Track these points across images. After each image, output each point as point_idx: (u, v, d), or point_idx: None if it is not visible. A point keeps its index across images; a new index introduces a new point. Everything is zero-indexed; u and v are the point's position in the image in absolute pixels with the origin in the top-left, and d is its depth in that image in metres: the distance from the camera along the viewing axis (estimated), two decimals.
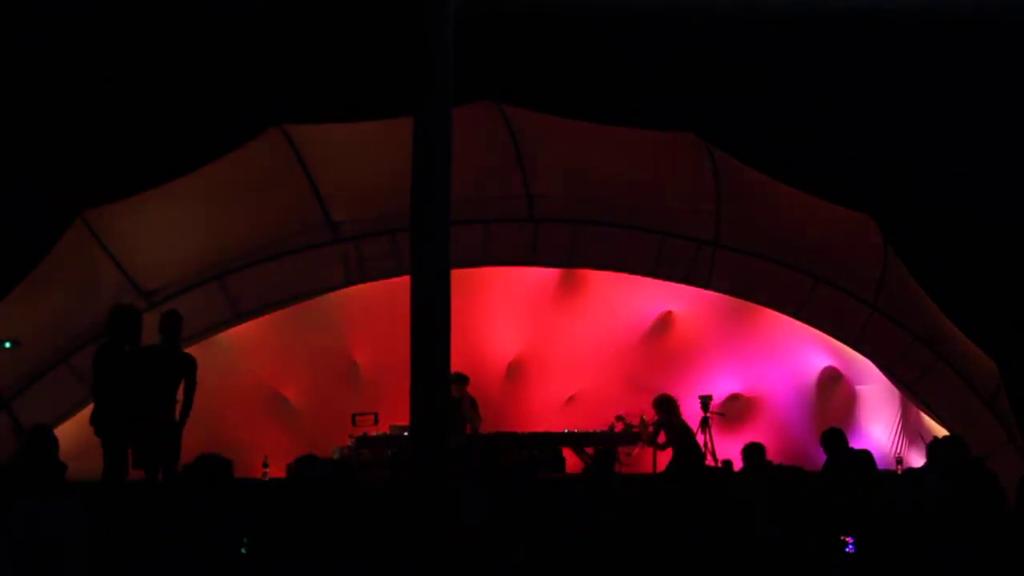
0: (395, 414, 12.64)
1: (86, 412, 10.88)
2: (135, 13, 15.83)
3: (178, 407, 10.69)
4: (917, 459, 12.98)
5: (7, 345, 10.10)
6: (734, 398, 14.72)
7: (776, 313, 13.69)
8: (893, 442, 14.26)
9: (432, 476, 7.54)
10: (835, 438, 10.51)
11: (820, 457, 12.66)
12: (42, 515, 6.16)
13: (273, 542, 7.34)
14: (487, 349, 14.35)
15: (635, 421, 13.62)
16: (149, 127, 16.31)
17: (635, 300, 14.32)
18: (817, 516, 8.35)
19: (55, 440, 9.53)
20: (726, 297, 13.79)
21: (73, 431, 11.35)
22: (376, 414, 13.14)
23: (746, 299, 13.72)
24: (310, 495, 7.64)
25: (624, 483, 10.58)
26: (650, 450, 13.37)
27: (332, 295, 13.32)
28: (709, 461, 13.30)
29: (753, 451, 10.10)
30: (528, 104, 13.63)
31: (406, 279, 7.78)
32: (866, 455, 9.65)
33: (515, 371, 14.63)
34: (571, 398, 14.71)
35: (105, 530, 7.11)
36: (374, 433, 13.01)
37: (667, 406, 13.03)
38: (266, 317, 12.89)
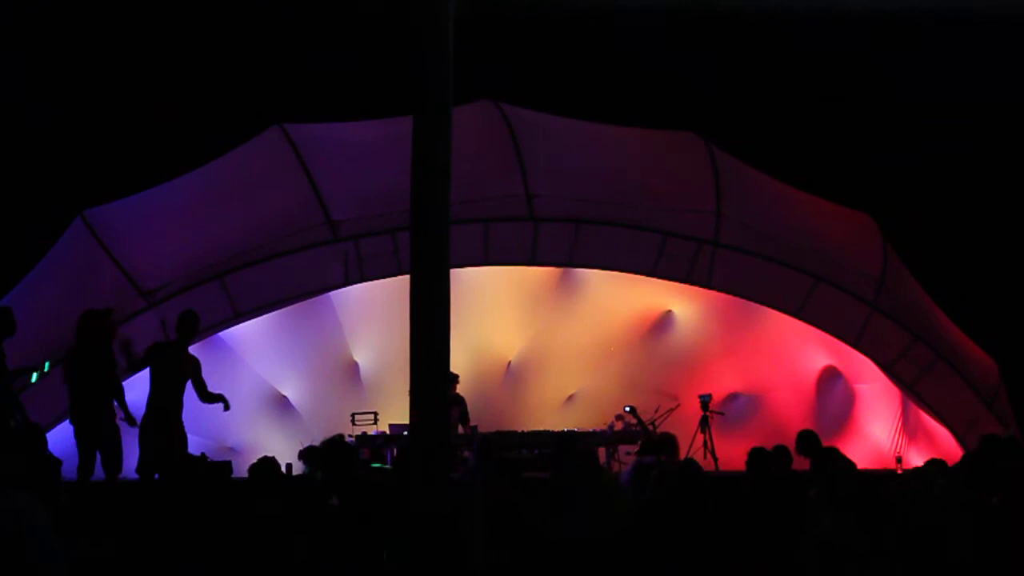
0: (395, 414, 12.63)
1: None
2: (136, 12, 15.83)
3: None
4: (917, 459, 12.97)
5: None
6: (734, 397, 14.71)
7: (776, 313, 13.68)
8: (893, 441, 14.25)
9: (432, 475, 7.54)
10: (810, 441, 10.43)
11: None
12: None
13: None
14: (487, 349, 14.34)
15: (633, 421, 13.60)
16: (149, 126, 16.33)
17: (635, 300, 14.30)
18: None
19: (44, 437, 9.60)
20: (726, 297, 13.78)
21: (70, 430, 11.35)
22: (376, 414, 13.14)
23: (746, 299, 13.71)
24: None
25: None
26: None
27: (332, 295, 13.33)
28: (709, 460, 13.29)
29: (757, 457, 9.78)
30: (528, 104, 13.63)
31: (406, 279, 7.78)
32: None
33: (515, 370, 14.62)
34: (571, 397, 14.70)
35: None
36: (374, 433, 13.00)
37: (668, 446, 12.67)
38: (266, 317, 12.89)
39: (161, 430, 10.60)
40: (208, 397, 11.05)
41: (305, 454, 9.83)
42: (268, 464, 8.27)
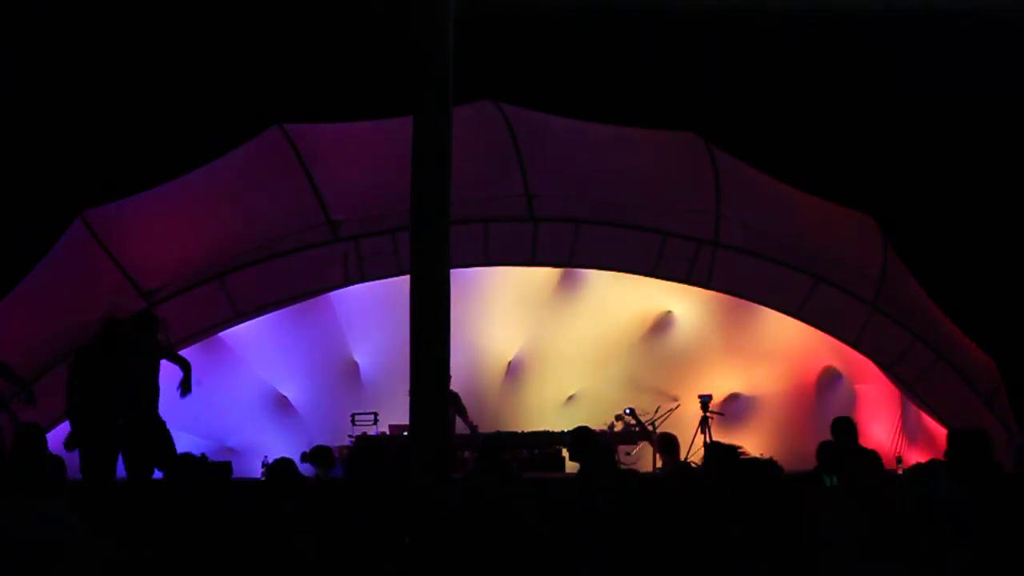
0: (395, 414, 12.63)
1: None
2: (136, 12, 15.83)
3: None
4: (917, 459, 12.96)
5: None
6: (734, 398, 14.71)
7: (776, 313, 13.68)
8: (893, 442, 14.25)
9: (432, 476, 7.55)
10: (846, 428, 10.46)
11: None
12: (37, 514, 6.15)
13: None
14: (487, 349, 14.34)
15: (633, 422, 13.59)
16: (149, 126, 16.32)
17: (635, 300, 14.30)
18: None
19: (44, 438, 9.67)
20: (726, 297, 13.78)
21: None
22: (376, 414, 13.15)
23: (746, 299, 13.71)
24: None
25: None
26: (651, 448, 13.36)
27: (332, 295, 13.33)
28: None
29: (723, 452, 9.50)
30: (528, 104, 13.62)
31: (406, 279, 7.79)
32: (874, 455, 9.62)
33: (515, 371, 14.62)
34: (571, 398, 14.70)
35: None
36: (374, 433, 13.01)
37: (668, 447, 12.52)
38: (266, 317, 12.89)
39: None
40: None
41: (312, 455, 9.81)
42: (289, 464, 8.27)
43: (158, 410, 10.90)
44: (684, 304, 14.45)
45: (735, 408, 14.60)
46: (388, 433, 13.03)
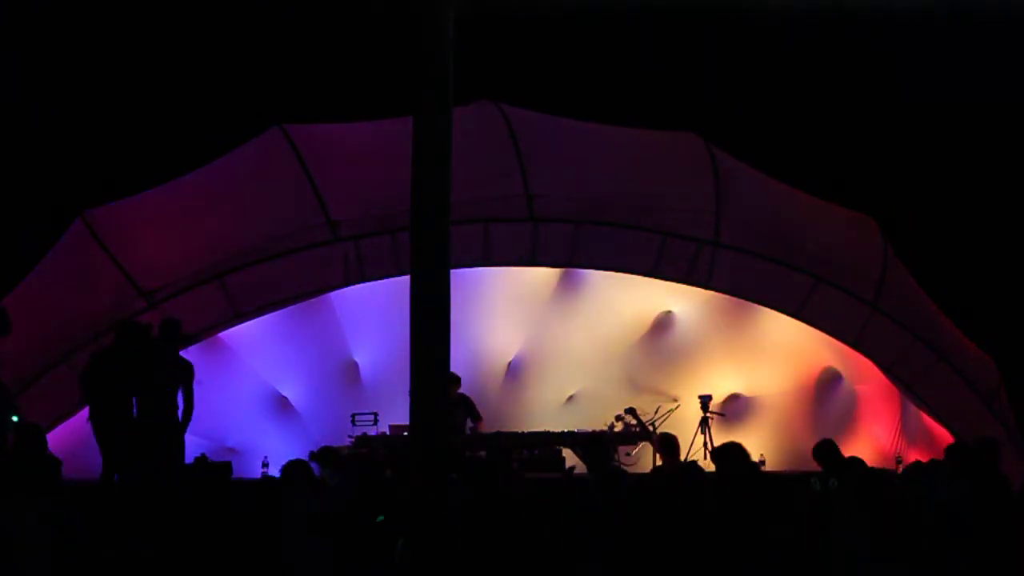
0: (395, 414, 12.63)
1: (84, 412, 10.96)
2: (136, 12, 15.84)
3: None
4: (917, 459, 12.95)
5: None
6: (734, 398, 14.71)
7: (776, 313, 13.68)
8: (893, 442, 14.25)
9: (432, 476, 7.55)
10: (829, 450, 10.41)
11: None
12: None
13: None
14: (487, 349, 14.34)
15: (633, 422, 13.58)
16: (149, 127, 16.34)
17: (635, 300, 14.30)
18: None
19: (44, 438, 9.68)
20: (726, 297, 13.78)
21: (69, 430, 11.40)
22: (376, 414, 13.15)
23: (746, 299, 13.70)
24: None
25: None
26: (651, 448, 13.35)
27: (332, 295, 13.33)
28: (709, 461, 13.26)
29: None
30: (528, 104, 13.63)
31: (406, 279, 7.79)
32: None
33: (515, 371, 14.62)
34: (571, 398, 14.70)
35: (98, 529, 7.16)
36: (374, 433, 13.00)
37: (668, 447, 12.38)
38: (266, 317, 12.89)
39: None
40: None
41: (319, 455, 9.80)
42: (304, 466, 8.29)
43: (178, 418, 10.85)
44: (684, 304, 14.45)
45: (735, 408, 14.60)
46: (388, 433, 13.02)
